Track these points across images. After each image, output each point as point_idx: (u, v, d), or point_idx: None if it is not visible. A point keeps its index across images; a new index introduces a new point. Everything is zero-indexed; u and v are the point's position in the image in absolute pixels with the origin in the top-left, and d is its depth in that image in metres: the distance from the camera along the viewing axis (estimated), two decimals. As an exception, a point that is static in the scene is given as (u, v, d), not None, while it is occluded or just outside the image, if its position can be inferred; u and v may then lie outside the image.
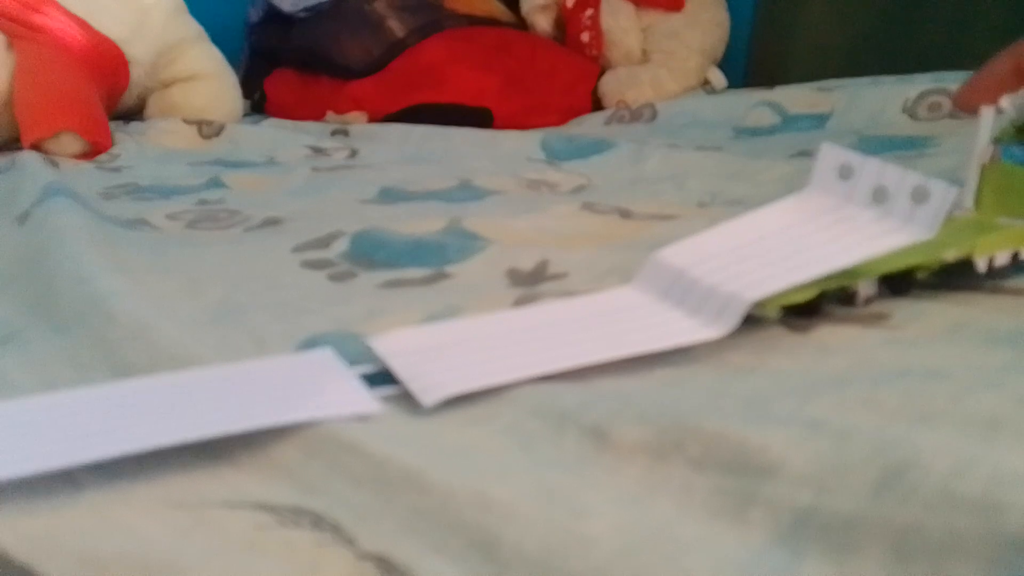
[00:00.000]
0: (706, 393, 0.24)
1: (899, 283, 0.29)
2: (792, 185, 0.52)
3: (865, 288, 0.28)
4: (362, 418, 0.23)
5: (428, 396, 0.24)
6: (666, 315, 0.27)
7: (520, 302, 0.34)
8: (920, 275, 0.29)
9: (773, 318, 0.27)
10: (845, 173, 0.28)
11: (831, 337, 0.26)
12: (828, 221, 0.28)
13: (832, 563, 0.17)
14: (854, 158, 0.28)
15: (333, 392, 0.24)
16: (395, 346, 0.26)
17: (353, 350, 0.29)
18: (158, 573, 0.18)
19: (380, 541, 0.19)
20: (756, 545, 0.18)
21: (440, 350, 0.26)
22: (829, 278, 0.27)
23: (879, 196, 0.27)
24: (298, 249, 0.44)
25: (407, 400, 0.24)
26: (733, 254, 0.28)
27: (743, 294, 0.26)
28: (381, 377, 0.26)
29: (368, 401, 0.24)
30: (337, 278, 0.39)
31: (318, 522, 0.20)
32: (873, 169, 0.28)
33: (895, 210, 0.27)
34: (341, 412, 0.23)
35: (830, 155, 0.29)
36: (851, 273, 0.27)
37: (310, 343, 0.31)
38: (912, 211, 0.27)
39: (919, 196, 0.27)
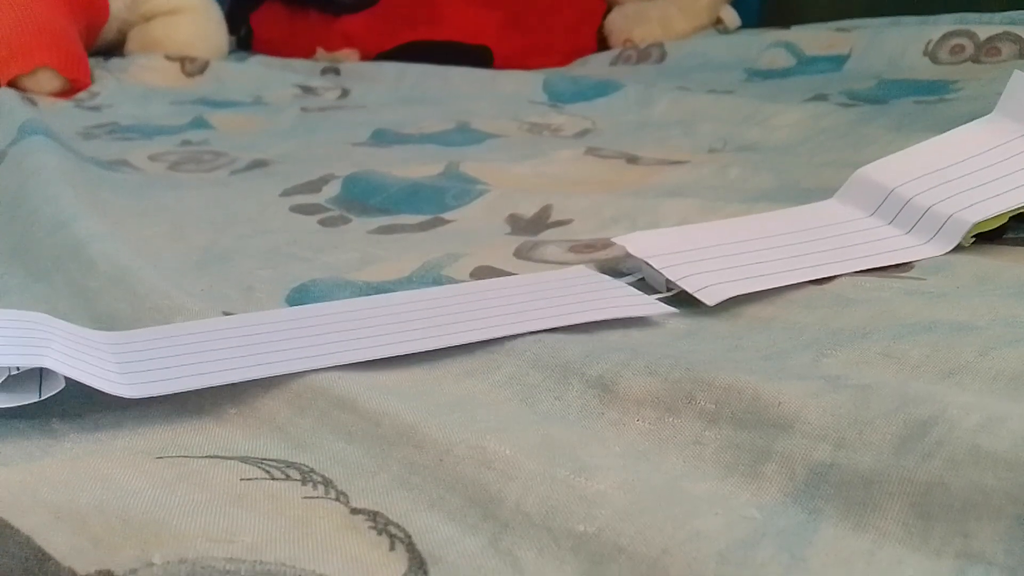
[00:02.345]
0: (719, 345, 0.23)
1: None
2: (808, 130, 0.51)
3: None
4: (650, 321, 0.24)
5: (710, 297, 0.25)
6: (882, 231, 0.28)
7: (522, 250, 0.32)
8: None
9: (966, 244, 0.28)
10: None
11: (850, 288, 0.25)
12: (1022, 147, 0.28)
13: (850, 521, 0.16)
14: None
15: (617, 297, 0.25)
16: (648, 248, 0.27)
17: (347, 295, 0.27)
18: (140, 527, 0.17)
19: (373, 496, 0.18)
20: (770, 502, 0.17)
21: (696, 252, 0.27)
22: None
23: None
24: (287, 193, 0.42)
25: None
26: (938, 175, 0.28)
27: (964, 216, 0.27)
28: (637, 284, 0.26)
29: (655, 303, 0.25)
30: (329, 223, 0.38)
31: (308, 476, 0.19)
32: None
33: None
34: (640, 312, 0.24)
35: (1021, 83, 0.29)
36: None
37: (302, 291, 0.29)
38: None
39: None
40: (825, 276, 0.26)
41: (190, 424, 0.21)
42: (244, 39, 0.92)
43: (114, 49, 0.84)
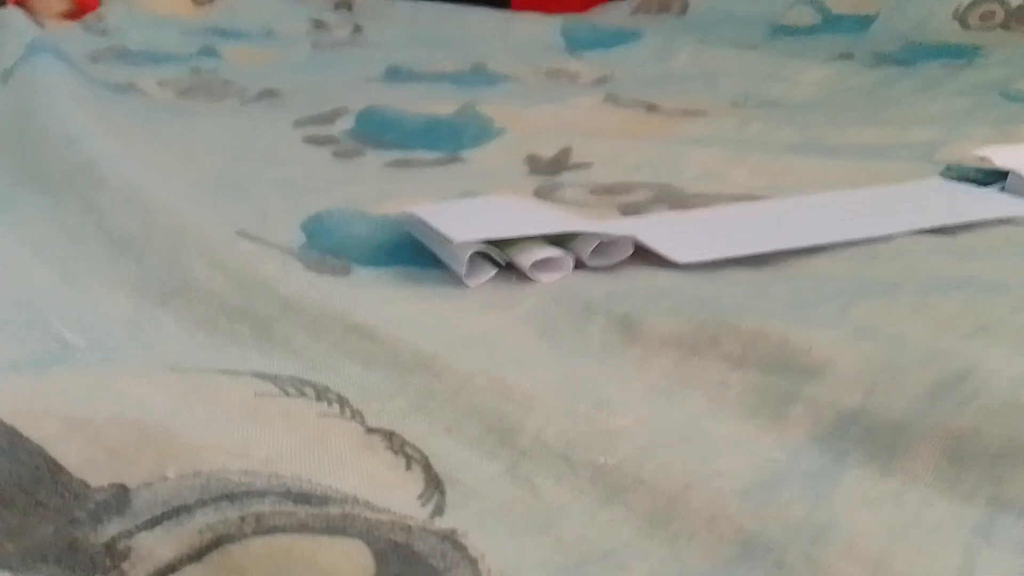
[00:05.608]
0: (745, 292, 0.22)
1: None
2: (832, 89, 0.49)
3: None
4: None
5: None
6: None
7: (542, 191, 0.32)
8: None
9: None
10: None
11: (877, 242, 0.25)
12: None
13: (877, 464, 0.16)
14: None
15: (992, 201, 0.27)
16: (1014, 159, 0.29)
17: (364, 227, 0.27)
18: (154, 438, 0.17)
19: (389, 419, 0.18)
20: (795, 444, 0.17)
21: None
22: None
23: None
24: (300, 124, 0.41)
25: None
26: None
27: None
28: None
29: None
30: (343, 155, 0.37)
31: (323, 393, 0.19)
32: None
33: None
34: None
35: None
36: None
37: (318, 220, 0.29)
38: None
39: None
40: None
41: (204, 342, 0.21)
42: (255, -30, 0.89)
43: (121, -26, 0.81)
